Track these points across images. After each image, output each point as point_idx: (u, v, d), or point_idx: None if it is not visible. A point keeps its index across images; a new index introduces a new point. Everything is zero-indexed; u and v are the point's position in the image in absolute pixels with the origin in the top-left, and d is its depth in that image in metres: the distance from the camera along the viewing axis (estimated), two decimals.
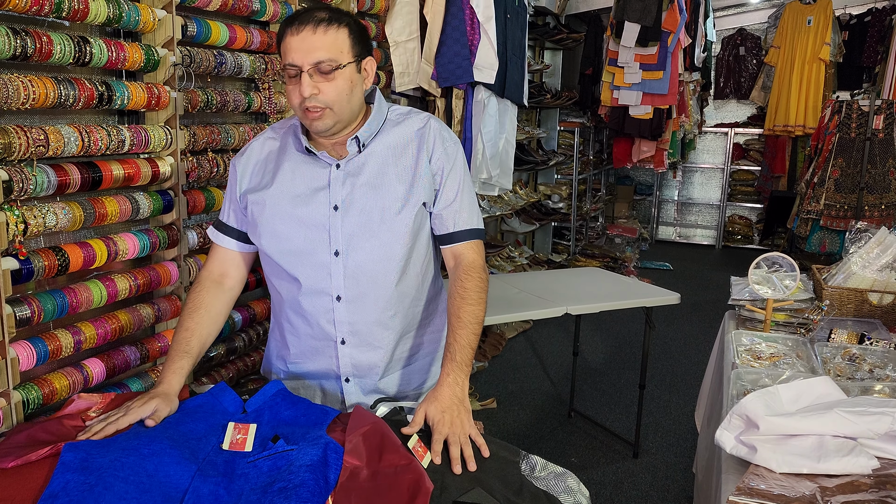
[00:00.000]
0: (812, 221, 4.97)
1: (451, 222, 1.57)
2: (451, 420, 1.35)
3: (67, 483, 1.12)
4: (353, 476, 1.20)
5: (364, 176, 1.51)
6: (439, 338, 1.70)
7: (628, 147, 5.87)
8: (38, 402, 1.60)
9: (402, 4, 3.00)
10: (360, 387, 1.60)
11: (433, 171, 1.55)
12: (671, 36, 5.08)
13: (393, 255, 1.52)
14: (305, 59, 1.39)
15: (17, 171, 1.52)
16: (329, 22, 1.41)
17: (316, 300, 1.54)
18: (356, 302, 1.53)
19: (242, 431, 1.32)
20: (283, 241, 1.53)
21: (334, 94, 1.43)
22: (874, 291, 2.19)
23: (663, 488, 2.98)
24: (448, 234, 1.58)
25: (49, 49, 1.56)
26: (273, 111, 2.39)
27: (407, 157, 1.54)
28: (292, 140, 1.58)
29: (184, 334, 1.53)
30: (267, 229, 1.54)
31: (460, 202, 1.58)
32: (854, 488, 1.25)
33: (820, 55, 6.84)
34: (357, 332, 1.55)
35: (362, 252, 1.51)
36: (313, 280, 1.52)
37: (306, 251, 1.52)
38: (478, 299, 1.53)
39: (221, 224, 1.64)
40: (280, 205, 1.53)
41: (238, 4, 2.14)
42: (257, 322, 2.40)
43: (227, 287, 1.64)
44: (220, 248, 1.64)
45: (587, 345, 4.70)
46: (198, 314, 1.56)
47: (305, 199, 1.52)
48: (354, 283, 1.52)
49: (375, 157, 1.53)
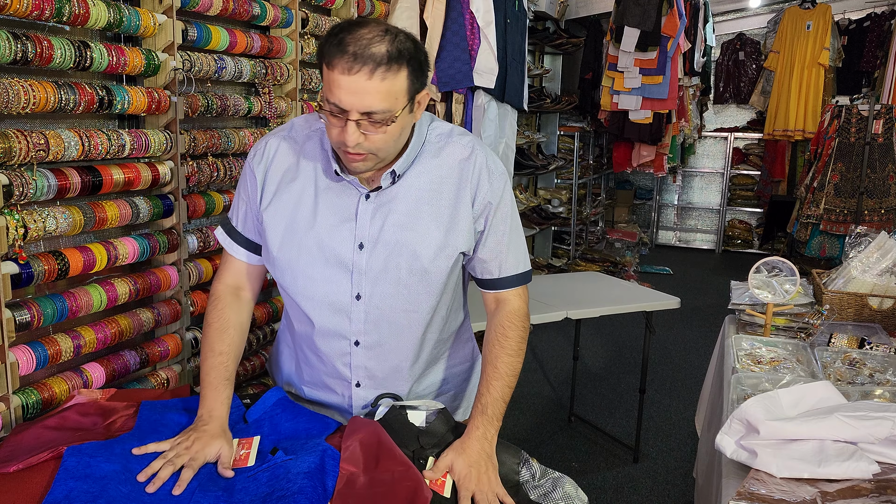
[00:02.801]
0: (812, 226, 4.97)
1: (497, 268, 1.43)
2: (478, 476, 1.27)
3: (70, 491, 1.11)
4: (349, 483, 1.19)
5: (396, 214, 1.35)
6: (464, 370, 1.61)
7: (628, 151, 5.88)
8: (37, 406, 1.60)
9: (401, 9, 3.00)
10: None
11: (475, 215, 1.39)
12: (671, 41, 5.09)
13: (420, 306, 1.40)
14: (355, 105, 1.19)
15: (18, 175, 1.52)
16: (389, 65, 1.18)
17: (332, 342, 1.43)
18: (375, 349, 1.42)
19: (245, 447, 1.31)
20: (299, 275, 1.39)
21: (382, 142, 1.25)
22: (874, 296, 2.19)
23: (664, 493, 2.98)
24: (492, 280, 1.45)
25: (49, 53, 1.56)
26: (273, 115, 2.39)
27: (445, 196, 1.37)
28: (318, 153, 1.40)
29: (220, 359, 1.41)
30: (282, 259, 1.40)
31: (507, 245, 1.42)
32: (855, 493, 1.25)
33: (819, 60, 6.86)
34: (374, 376, 1.45)
35: (387, 298, 1.37)
36: (330, 322, 1.40)
37: (325, 290, 1.38)
38: (518, 350, 1.41)
39: (234, 231, 1.48)
40: (299, 232, 1.38)
41: (238, 9, 2.14)
42: (257, 326, 2.40)
43: (245, 300, 1.52)
44: (234, 260, 1.50)
45: (587, 349, 4.70)
46: (228, 335, 1.44)
47: (329, 231, 1.36)
48: (375, 328, 1.40)
49: (410, 190, 1.36)
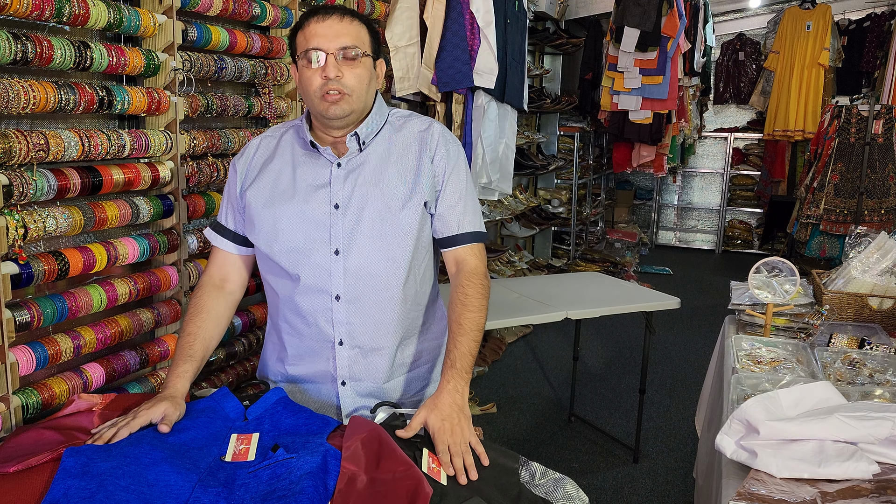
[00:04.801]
0: (812, 226, 4.97)
1: (455, 224, 1.57)
2: (451, 428, 1.34)
3: (68, 489, 1.11)
4: (350, 482, 1.19)
5: (365, 174, 1.52)
6: (439, 344, 1.70)
7: (628, 152, 5.88)
8: (37, 406, 1.60)
9: (402, 9, 3.01)
10: (356, 391, 1.58)
11: (435, 172, 1.55)
12: (671, 41, 5.09)
13: (394, 256, 1.52)
14: (331, 43, 1.44)
15: (18, 175, 1.52)
16: (353, 16, 1.49)
17: (314, 299, 1.53)
18: (355, 302, 1.52)
19: (245, 442, 1.32)
20: (282, 238, 1.52)
21: (355, 80, 1.46)
22: (874, 296, 2.19)
23: (664, 493, 2.98)
24: (450, 237, 1.58)
25: (49, 54, 1.56)
26: (273, 115, 2.39)
27: (409, 158, 1.54)
28: (293, 138, 1.59)
29: (187, 339, 1.52)
30: (265, 226, 1.53)
31: (463, 205, 1.57)
32: (855, 493, 1.25)
33: (819, 60, 6.86)
34: (356, 333, 1.54)
35: (363, 251, 1.50)
36: (312, 278, 1.51)
37: (306, 249, 1.51)
38: (479, 306, 1.52)
39: (220, 226, 1.64)
40: (279, 202, 1.53)
41: (238, 9, 2.14)
42: (257, 327, 2.40)
43: (229, 291, 1.63)
44: (219, 252, 1.64)
45: (587, 349, 4.70)
46: (199, 318, 1.55)
47: (306, 197, 1.52)
48: (354, 282, 1.51)
49: (376, 156, 1.54)
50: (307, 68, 1.45)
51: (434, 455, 1.32)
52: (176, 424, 1.35)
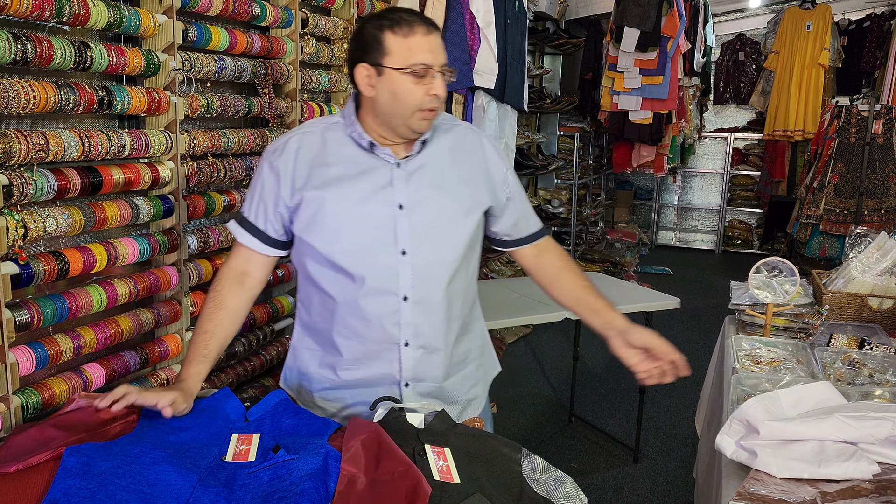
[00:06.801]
0: (812, 226, 4.97)
1: (533, 223, 1.67)
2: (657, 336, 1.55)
3: (69, 489, 1.11)
4: (350, 484, 1.19)
5: (427, 177, 1.52)
6: (480, 344, 1.73)
7: (628, 152, 5.88)
8: (37, 406, 1.60)
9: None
10: (418, 391, 1.57)
11: (493, 178, 1.59)
12: (671, 41, 5.09)
13: (456, 256, 1.53)
14: (437, 60, 1.44)
15: (18, 175, 1.52)
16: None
17: (380, 300, 1.50)
18: (422, 303, 1.51)
19: (245, 442, 1.32)
20: (344, 239, 1.48)
21: (444, 94, 1.48)
22: (874, 296, 2.19)
23: (664, 493, 2.98)
24: (531, 234, 1.67)
25: (49, 54, 1.56)
26: (273, 116, 2.39)
27: (467, 162, 1.56)
28: (340, 136, 1.54)
29: (203, 337, 1.50)
30: (326, 228, 1.49)
31: (528, 206, 1.67)
32: (855, 493, 1.25)
33: (819, 60, 6.86)
34: (421, 333, 1.53)
35: (428, 252, 1.50)
36: (379, 280, 1.49)
37: (371, 250, 1.48)
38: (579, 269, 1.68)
39: (246, 222, 1.56)
40: (341, 203, 1.48)
41: (238, 9, 2.14)
42: (257, 327, 2.40)
43: (248, 286, 1.58)
44: (243, 247, 1.57)
45: (587, 349, 4.70)
46: (217, 316, 1.52)
47: (367, 197, 1.49)
48: (420, 282, 1.50)
49: (435, 158, 1.54)
50: (412, 81, 1.43)
51: (442, 454, 1.31)
52: (177, 423, 1.35)
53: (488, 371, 1.78)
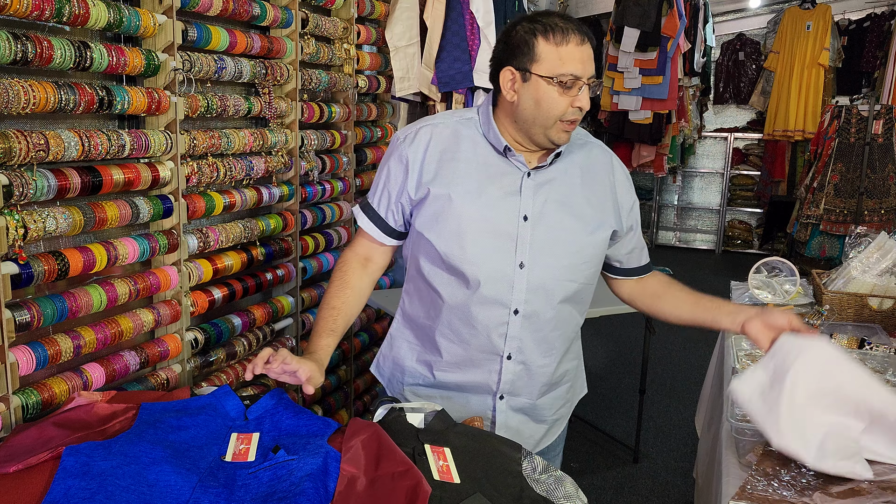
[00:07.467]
0: (812, 226, 4.98)
1: (645, 255, 1.67)
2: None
3: (69, 489, 1.11)
4: (350, 485, 1.19)
5: (556, 192, 1.48)
6: (576, 365, 1.73)
7: (628, 152, 5.88)
8: (37, 406, 1.60)
9: (402, 9, 3.01)
10: (511, 405, 1.56)
11: (621, 205, 1.56)
12: (671, 41, 5.09)
13: (574, 277, 1.50)
14: (586, 71, 1.39)
15: (18, 175, 1.52)
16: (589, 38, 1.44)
17: (491, 310, 1.47)
18: (532, 318, 1.49)
19: (245, 441, 1.32)
20: (466, 242, 1.45)
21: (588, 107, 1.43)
22: (874, 296, 2.19)
23: (663, 493, 2.98)
24: (642, 267, 1.67)
25: (49, 54, 1.56)
26: (273, 116, 2.39)
27: (597, 184, 1.53)
28: (474, 135, 1.50)
29: (330, 312, 1.51)
30: (450, 229, 1.46)
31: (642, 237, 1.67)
32: (855, 493, 1.25)
33: (819, 60, 6.86)
34: (525, 349, 1.51)
35: (546, 268, 1.47)
36: (493, 290, 1.46)
37: (490, 257, 1.45)
38: None
39: (371, 209, 1.56)
40: (468, 205, 1.45)
41: (238, 9, 2.14)
42: (257, 327, 2.40)
43: (371, 270, 1.60)
44: (367, 235, 1.58)
45: (587, 349, 4.67)
46: (344, 293, 1.53)
47: (494, 203, 1.45)
48: (534, 298, 1.47)
49: (565, 174, 1.50)
50: (558, 91, 1.38)
51: (442, 454, 1.32)
52: (176, 422, 1.35)
53: (577, 392, 1.80)
